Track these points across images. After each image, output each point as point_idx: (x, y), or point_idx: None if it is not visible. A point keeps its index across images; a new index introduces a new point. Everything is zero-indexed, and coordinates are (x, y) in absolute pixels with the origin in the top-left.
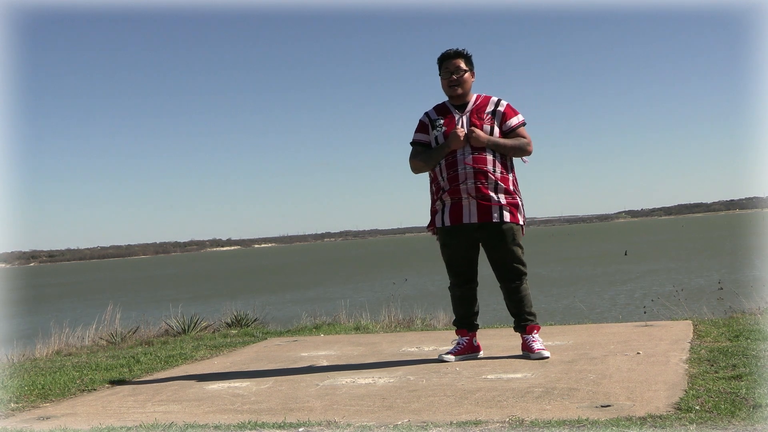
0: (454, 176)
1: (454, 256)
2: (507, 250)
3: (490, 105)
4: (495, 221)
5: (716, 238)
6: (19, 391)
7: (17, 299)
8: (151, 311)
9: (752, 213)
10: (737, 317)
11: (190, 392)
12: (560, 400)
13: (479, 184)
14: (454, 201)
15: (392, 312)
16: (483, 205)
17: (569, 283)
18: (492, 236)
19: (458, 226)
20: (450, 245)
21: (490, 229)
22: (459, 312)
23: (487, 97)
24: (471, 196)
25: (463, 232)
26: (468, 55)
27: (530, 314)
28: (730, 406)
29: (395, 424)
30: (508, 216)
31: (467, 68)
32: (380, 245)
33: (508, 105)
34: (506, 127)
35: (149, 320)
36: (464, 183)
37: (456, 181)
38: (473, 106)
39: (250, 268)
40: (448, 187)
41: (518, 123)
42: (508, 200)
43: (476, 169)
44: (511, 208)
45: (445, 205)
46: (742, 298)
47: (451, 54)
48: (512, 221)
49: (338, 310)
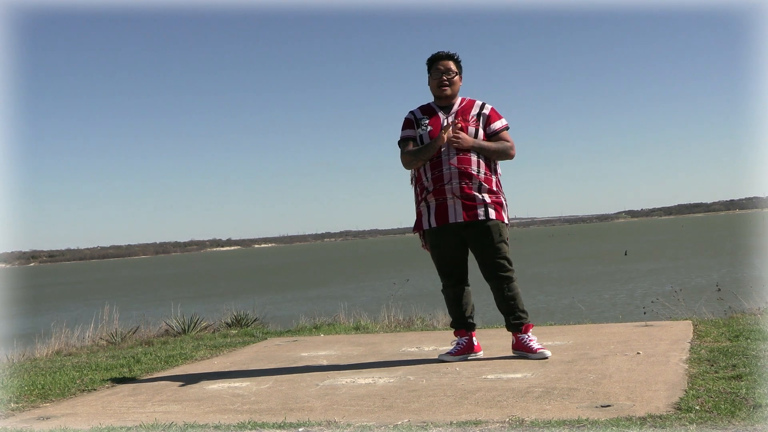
0: (438, 176)
1: (443, 257)
2: (493, 248)
3: (475, 108)
4: (480, 219)
5: (716, 238)
6: (19, 391)
7: (17, 299)
8: (151, 311)
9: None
10: (737, 317)
11: (190, 392)
12: (560, 400)
13: (463, 184)
14: (439, 201)
15: (392, 312)
16: (468, 204)
17: (569, 283)
18: (478, 234)
19: (445, 226)
20: (438, 246)
21: (476, 227)
22: (454, 313)
23: (471, 101)
24: (456, 196)
25: (449, 232)
26: (459, 59)
27: (523, 312)
28: (730, 406)
29: (395, 424)
30: (494, 213)
31: (457, 71)
32: (380, 245)
33: (493, 108)
34: (490, 130)
35: (149, 320)
36: (449, 183)
37: (441, 182)
38: (459, 108)
39: (250, 268)
40: (433, 188)
41: (502, 126)
42: (492, 199)
43: (461, 169)
44: (496, 206)
45: (430, 207)
46: (742, 299)
47: (443, 55)
48: (497, 218)
49: (338, 310)
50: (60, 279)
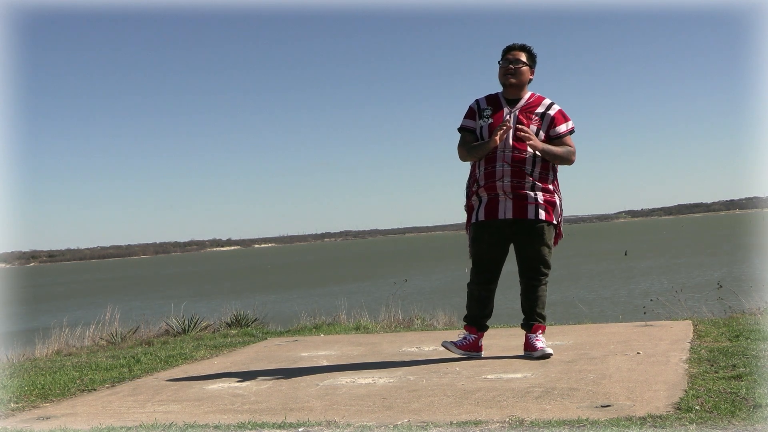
0: (491, 172)
1: (482, 252)
2: (535, 249)
3: (542, 106)
4: (530, 218)
5: (716, 238)
6: (19, 391)
7: (17, 299)
8: (151, 311)
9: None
10: (737, 317)
11: (190, 392)
12: (560, 400)
13: (515, 182)
14: (491, 197)
15: (392, 312)
16: (519, 202)
17: (569, 283)
18: (524, 233)
19: (492, 221)
20: (480, 240)
21: (524, 225)
22: (473, 310)
23: (540, 98)
24: (506, 193)
25: (495, 227)
26: (533, 52)
27: (540, 315)
28: (730, 406)
29: (395, 424)
30: (543, 214)
31: (527, 63)
32: (380, 245)
33: (560, 110)
34: (554, 132)
35: (149, 320)
36: (500, 180)
37: (492, 178)
38: (525, 104)
39: (250, 268)
40: (484, 182)
41: (567, 131)
42: (545, 197)
43: (514, 168)
44: (547, 206)
45: (482, 201)
46: (742, 298)
47: (516, 46)
48: (547, 219)
49: (338, 310)
50: (60, 279)
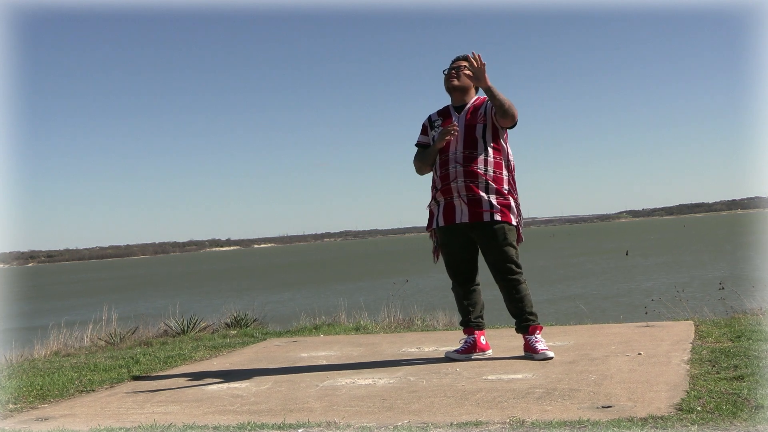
0: (445, 175)
1: (451, 256)
2: (499, 251)
3: (484, 104)
4: (486, 221)
5: (718, 238)
6: (18, 392)
7: (16, 299)
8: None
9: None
10: (739, 318)
11: (189, 393)
12: (561, 400)
13: (470, 183)
14: (447, 200)
15: (392, 312)
16: (473, 208)
17: (569, 283)
18: (483, 236)
19: (452, 225)
20: (446, 244)
21: (482, 228)
22: (462, 312)
23: (483, 98)
24: (461, 195)
25: (457, 231)
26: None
27: (531, 314)
28: (731, 407)
29: (395, 425)
30: (499, 215)
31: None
32: (380, 245)
33: None
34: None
35: (148, 321)
36: (455, 182)
37: (447, 180)
38: (471, 105)
39: (250, 268)
40: (440, 186)
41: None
42: (499, 201)
43: (466, 168)
44: (503, 208)
45: (439, 205)
46: (744, 299)
47: (460, 57)
48: (503, 220)
49: (338, 311)
50: (59, 279)
